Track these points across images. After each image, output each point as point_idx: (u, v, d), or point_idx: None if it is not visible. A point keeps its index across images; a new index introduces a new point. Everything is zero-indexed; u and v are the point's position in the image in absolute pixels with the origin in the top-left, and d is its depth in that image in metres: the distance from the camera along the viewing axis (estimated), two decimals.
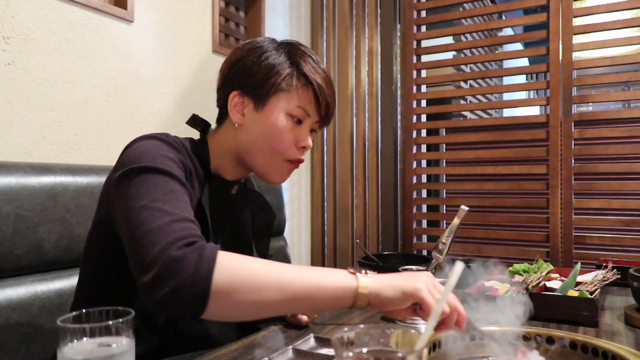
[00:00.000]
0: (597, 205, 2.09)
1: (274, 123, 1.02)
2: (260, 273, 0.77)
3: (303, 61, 1.03)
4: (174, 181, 0.87)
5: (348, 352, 0.49)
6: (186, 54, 1.94)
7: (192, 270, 0.73)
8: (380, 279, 0.81)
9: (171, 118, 1.87)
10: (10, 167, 1.14)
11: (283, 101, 1.02)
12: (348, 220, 2.57)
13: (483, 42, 2.59)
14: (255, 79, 1.02)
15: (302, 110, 1.03)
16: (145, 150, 0.91)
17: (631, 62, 2.06)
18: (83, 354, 0.59)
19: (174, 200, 0.83)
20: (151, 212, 0.79)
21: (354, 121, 2.57)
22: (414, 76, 2.47)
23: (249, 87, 1.03)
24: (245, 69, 1.03)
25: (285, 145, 1.03)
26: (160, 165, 0.87)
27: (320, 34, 2.63)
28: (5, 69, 1.34)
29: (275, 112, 1.02)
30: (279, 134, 1.02)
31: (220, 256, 0.76)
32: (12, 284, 1.11)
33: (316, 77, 1.03)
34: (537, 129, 2.21)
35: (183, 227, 0.78)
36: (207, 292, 0.73)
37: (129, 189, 0.85)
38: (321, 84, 1.03)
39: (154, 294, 0.73)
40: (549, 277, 1.45)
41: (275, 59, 1.02)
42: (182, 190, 0.87)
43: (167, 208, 0.81)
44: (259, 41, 1.06)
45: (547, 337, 0.95)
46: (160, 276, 0.73)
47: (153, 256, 0.74)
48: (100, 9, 1.58)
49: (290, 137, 1.03)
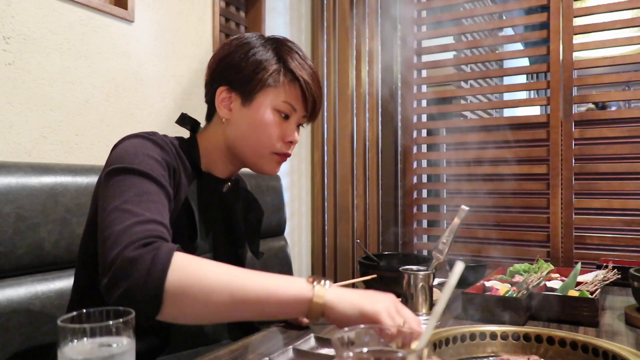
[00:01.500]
0: (598, 205, 2.09)
1: (260, 118, 1.03)
2: (212, 275, 0.76)
3: (290, 57, 1.04)
4: (151, 182, 0.87)
5: (348, 352, 0.49)
6: (186, 54, 1.94)
7: (145, 270, 0.72)
8: (340, 293, 0.80)
9: (171, 118, 1.87)
10: (10, 167, 1.14)
11: (270, 97, 1.03)
12: (348, 220, 2.57)
13: (483, 42, 2.59)
14: (243, 75, 1.03)
15: (289, 106, 1.05)
16: (129, 150, 0.92)
17: (631, 62, 2.07)
18: (83, 354, 0.59)
19: (146, 202, 0.83)
20: (120, 214, 0.80)
21: (354, 121, 2.57)
22: (414, 76, 2.47)
23: (237, 83, 1.04)
24: (233, 65, 1.04)
25: (272, 139, 1.05)
26: (138, 166, 0.88)
27: (321, 34, 2.63)
28: (6, 69, 1.34)
29: (262, 108, 1.03)
30: (265, 129, 1.04)
31: (176, 257, 0.75)
32: (12, 284, 1.11)
33: (303, 73, 1.04)
34: (538, 129, 2.21)
35: (146, 229, 0.78)
36: (160, 293, 0.72)
37: (106, 190, 0.86)
38: (308, 80, 1.04)
39: (110, 295, 0.73)
40: (550, 277, 1.45)
41: (263, 55, 1.03)
42: (158, 191, 0.88)
43: (136, 209, 0.81)
44: (246, 37, 1.07)
45: (548, 337, 0.95)
46: (115, 277, 0.73)
47: (112, 257, 0.74)
48: (101, 9, 1.58)
49: (277, 132, 1.05)
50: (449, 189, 2.79)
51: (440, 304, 0.57)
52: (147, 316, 0.74)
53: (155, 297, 0.72)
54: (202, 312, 0.76)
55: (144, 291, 0.72)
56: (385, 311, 0.78)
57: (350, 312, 0.78)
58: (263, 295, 0.77)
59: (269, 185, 1.89)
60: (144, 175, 0.87)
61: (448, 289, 0.58)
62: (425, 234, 2.49)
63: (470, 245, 2.41)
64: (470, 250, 2.34)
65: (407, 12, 2.48)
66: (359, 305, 0.78)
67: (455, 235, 1.10)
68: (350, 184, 2.57)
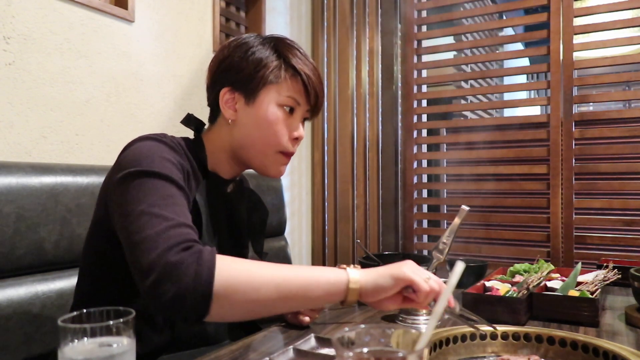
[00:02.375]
0: (598, 205, 2.09)
1: (265, 115, 1.03)
2: (257, 273, 0.80)
3: (290, 53, 1.05)
4: (172, 185, 0.88)
5: (349, 352, 0.49)
6: (187, 54, 1.94)
7: (192, 274, 0.74)
8: (368, 271, 0.87)
9: (172, 118, 1.87)
10: (11, 167, 1.14)
11: (273, 93, 1.03)
12: (349, 220, 2.57)
13: (484, 42, 2.59)
14: (244, 74, 1.03)
15: (293, 100, 1.05)
16: (144, 152, 0.92)
17: (632, 62, 2.07)
18: (84, 354, 0.59)
19: (172, 205, 0.84)
20: (149, 218, 0.80)
21: (354, 121, 2.57)
22: (414, 76, 2.47)
23: (239, 83, 1.04)
24: (233, 65, 1.04)
25: (278, 136, 1.05)
26: (158, 169, 0.88)
27: (321, 34, 2.63)
28: (6, 69, 1.34)
29: (265, 104, 1.03)
30: (271, 125, 1.04)
31: (219, 259, 0.78)
32: (12, 284, 1.11)
33: (304, 67, 1.05)
34: (538, 129, 2.21)
35: (181, 233, 0.80)
36: (210, 294, 0.75)
37: (127, 194, 0.85)
38: (309, 74, 1.05)
39: (157, 299, 0.74)
40: (550, 277, 1.45)
41: (262, 53, 1.04)
42: (180, 194, 0.88)
43: (165, 213, 0.82)
44: (244, 37, 1.08)
45: (548, 337, 0.95)
46: (160, 281, 0.74)
47: (151, 261, 0.75)
48: (101, 9, 1.58)
49: (283, 128, 1.05)
50: (449, 189, 2.79)
51: (441, 304, 0.57)
52: (195, 318, 0.76)
53: (206, 299, 0.75)
54: (249, 308, 0.81)
55: (194, 294, 0.74)
56: (412, 271, 0.85)
57: (383, 282, 0.85)
58: (306, 285, 0.83)
59: (269, 185, 1.89)
60: (165, 178, 0.88)
61: (449, 288, 0.58)
62: (425, 233, 2.49)
63: (471, 245, 2.41)
64: (471, 250, 2.34)
65: (407, 11, 2.48)
66: (388, 273, 0.86)
67: (455, 236, 1.11)
68: (351, 184, 2.57)
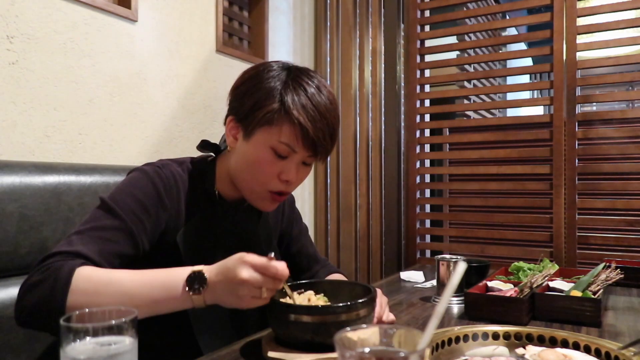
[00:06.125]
0: (601, 205, 2.09)
1: (256, 155, 1.01)
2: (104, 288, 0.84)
3: (294, 94, 0.99)
4: (115, 219, 0.95)
5: (350, 351, 0.49)
6: (190, 53, 1.94)
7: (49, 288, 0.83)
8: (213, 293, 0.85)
9: (175, 117, 1.87)
10: (14, 167, 1.14)
11: (267, 135, 1.00)
12: (351, 219, 2.57)
13: (487, 42, 2.58)
14: (244, 109, 1.02)
15: (286, 147, 0.99)
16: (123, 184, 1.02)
17: (635, 62, 2.06)
18: (86, 353, 0.59)
19: (92, 236, 0.93)
20: (66, 239, 0.93)
21: (357, 121, 2.57)
22: (417, 76, 2.47)
23: (239, 116, 1.04)
24: (240, 97, 1.04)
25: (266, 177, 1.02)
26: (111, 202, 0.96)
27: (324, 34, 2.63)
28: (10, 68, 1.35)
29: (258, 144, 1.01)
30: (260, 166, 1.01)
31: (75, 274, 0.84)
32: (16, 282, 1.11)
33: (302, 113, 0.98)
34: (541, 129, 2.21)
35: (62, 259, 0.87)
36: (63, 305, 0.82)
37: None
38: (306, 122, 0.97)
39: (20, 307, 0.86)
40: (551, 277, 1.45)
41: (266, 90, 1.00)
42: (117, 228, 0.94)
43: (75, 240, 0.91)
44: (262, 67, 1.04)
45: (550, 337, 0.95)
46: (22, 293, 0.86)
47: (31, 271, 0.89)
48: (104, 8, 1.59)
49: (272, 170, 1.01)
50: (452, 188, 2.79)
51: (442, 304, 0.57)
52: None
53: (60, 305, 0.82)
54: None
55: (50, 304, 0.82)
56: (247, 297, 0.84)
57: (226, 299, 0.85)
58: (150, 309, 0.86)
59: None
60: (110, 211, 0.95)
61: (450, 288, 0.57)
62: (427, 233, 2.49)
63: (473, 245, 2.41)
64: (473, 250, 2.34)
65: (410, 11, 2.48)
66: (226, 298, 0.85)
67: None
68: (353, 184, 2.57)
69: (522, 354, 0.91)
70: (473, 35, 3.75)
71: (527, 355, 0.90)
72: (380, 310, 1.06)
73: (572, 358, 0.87)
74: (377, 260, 2.54)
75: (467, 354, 0.92)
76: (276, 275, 0.82)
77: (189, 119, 1.94)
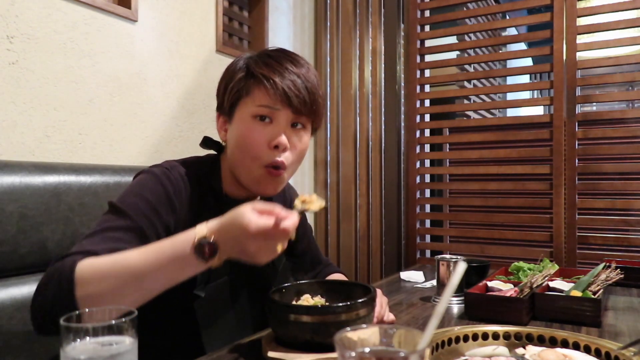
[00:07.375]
0: (601, 205, 2.09)
1: (241, 129, 1.02)
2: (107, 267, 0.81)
3: (259, 61, 1.01)
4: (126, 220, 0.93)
5: (350, 351, 0.49)
6: (190, 53, 1.94)
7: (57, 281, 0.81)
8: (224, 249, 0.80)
9: (175, 117, 1.87)
10: (14, 167, 1.14)
11: (244, 107, 1.02)
12: (351, 219, 2.57)
13: (487, 42, 2.58)
14: (220, 94, 1.06)
15: (264, 107, 0.99)
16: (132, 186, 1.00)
17: (635, 62, 2.06)
18: (86, 353, 0.59)
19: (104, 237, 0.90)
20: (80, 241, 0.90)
21: (357, 121, 2.57)
22: (417, 76, 2.47)
23: (220, 105, 1.07)
24: (218, 93, 1.08)
25: (256, 147, 1.00)
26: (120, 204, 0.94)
27: (324, 34, 2.63)
28: (10, 68, 1.35)
29: (241, 119, 1.02)
30: (248, 138, 1.00)
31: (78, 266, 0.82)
32: (15, 282, 1.11)
33: (265, 69, 0.99)
34: (541, 129, 2.21)
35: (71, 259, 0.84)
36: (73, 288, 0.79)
37: None
38: (271, 74, 0.98)
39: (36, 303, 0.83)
40: (551, 277, 1.45)
41: (233, 72, 1.04)
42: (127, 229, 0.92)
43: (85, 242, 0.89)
44: (235, 59, 1.08)
45: (550, 337, 0.95)
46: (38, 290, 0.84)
47: None
48: (104, 8, 1.59)
49: (260, 138, 1.00)
50: (452, 188, 2.79)
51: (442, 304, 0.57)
52: None
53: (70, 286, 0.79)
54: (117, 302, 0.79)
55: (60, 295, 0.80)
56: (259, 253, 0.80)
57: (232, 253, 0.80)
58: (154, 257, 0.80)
59: None
60: (121, 213, 0.93)
61: (450, 288, 0.57)
62: (427, 233, 2.49)
63: (473, 245, 2.41)
64: (473, 250, 2.34)
65: (410, 11, 2.48)
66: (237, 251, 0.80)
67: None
68: (354, 184, 2.57)
69: (522, 354, 0.91)
70: (473, 35, 3.75)
71: (527, 355, 0.90)
72: (380, 310, 1.06)
73: (572, 358, 0.87)
74: (377, 260, 2.54)
75: (467, 354, 0.92)
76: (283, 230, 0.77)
77: (189, 119, 1.94)
